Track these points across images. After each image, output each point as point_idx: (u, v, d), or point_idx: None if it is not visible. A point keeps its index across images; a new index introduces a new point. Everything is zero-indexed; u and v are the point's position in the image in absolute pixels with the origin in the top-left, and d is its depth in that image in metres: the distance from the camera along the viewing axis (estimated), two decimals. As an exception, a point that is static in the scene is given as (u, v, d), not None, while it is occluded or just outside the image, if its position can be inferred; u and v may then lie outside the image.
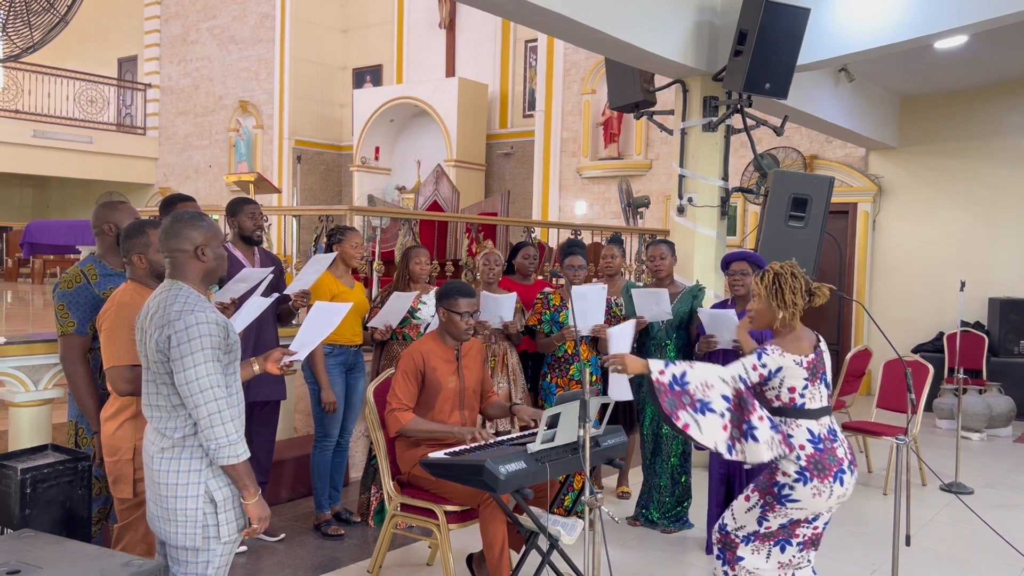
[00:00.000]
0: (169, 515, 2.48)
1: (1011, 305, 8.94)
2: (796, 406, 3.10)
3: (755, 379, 3.12)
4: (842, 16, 6.04)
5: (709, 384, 3.05)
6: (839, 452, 3.10)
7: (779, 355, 3.09)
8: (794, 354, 3.08)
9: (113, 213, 3.43)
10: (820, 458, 3.05)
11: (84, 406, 3.26)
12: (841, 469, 3.07)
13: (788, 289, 3.11)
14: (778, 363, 3.08)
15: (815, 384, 3.11)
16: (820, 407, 3.13)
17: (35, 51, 5.39)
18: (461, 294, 3.81)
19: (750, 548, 3.18)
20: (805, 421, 3.10)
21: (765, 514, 3.14)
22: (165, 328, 2.43)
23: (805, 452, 3.05)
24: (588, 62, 12.00)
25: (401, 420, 3.72)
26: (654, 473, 4.90)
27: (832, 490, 3.04)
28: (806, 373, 3.09)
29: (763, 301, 3.15)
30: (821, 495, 3.04)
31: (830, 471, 3.04)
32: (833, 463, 3.06)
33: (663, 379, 3.00)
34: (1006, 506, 5.56)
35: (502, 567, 3.44)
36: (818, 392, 3.13)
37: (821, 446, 3.07)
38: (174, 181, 17.02)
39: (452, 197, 9.96)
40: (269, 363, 2.90)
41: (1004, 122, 9.27)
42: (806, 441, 3.07)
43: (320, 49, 15.45)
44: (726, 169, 6.50)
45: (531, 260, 5.40)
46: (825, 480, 3.03)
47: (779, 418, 3.13)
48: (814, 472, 3.04)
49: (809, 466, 3.04)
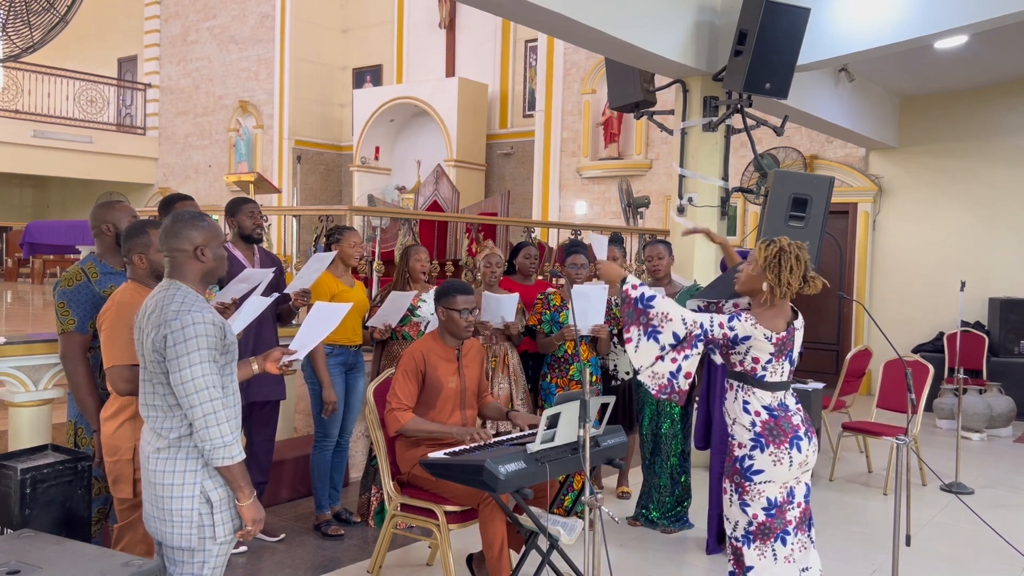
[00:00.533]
0: (165, 515, 2.48)
1: (1011, 305, 8.94)
2: (756, 376, 3.17)
3: (717, 335, 3.17)
4: (842, 16, 6.04)
5: (668, 317, 3.19)
6: (794, 419, 3.16)
7: (751, 325, 3.12)
8: (766, 328, 3.12)
9: (111, 213, 3.43)
10: (774, 424, 3.12)
11: (84, 405, 3.26)
12: (797, 435, 3.13)
13: (787, 268, 3.09)
14: (747, 331, 3.12)
15: (779, 360, 3.16)
16: (779, 381, 3.18)
17: (35, 51, 5.39)
18: (459, 291, 3.82)
19: (755, 552, 3.20)
20: (761, 391, 3.16)
21: (743, 498, 3.19)
22: (161, 328, 2.43)
23: (760, 419, 3.13)
24: (588, 62, 12.00)
25: (400, 420, 3.72)
26: (653, 473, 4.89)
27: (791, 457, 3.10)
28: (773, 349, 3.13)
29: (757, 268, 3.14)
30: (781, 462, 3.10)
31: (785, 436, 3.11)
32: (788, 429, 3.12)
33: (632, 293, 3.24)
34: (1006, 506, 5.56)
35: (502, 567, 3.44)
36: (780, 367, 3.17)
37: (775, 413, 3.13)
38: (174, 181, 17.02)
39: (452, 197, 9.96)
40: (268, 363, 2.89)
41: (1004, 122, 9.27)
42: (761, 407, 3.15)
43: (320, 49, 15.45)
44: (726, 169, 6.50)
45: (532, 260, 5.40)
46: (781, 446, 3.10)
47: (737, 383, 3.21)
48: (769, 438, 3.11)
49: (764, 432, 3.12)
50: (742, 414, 3.17)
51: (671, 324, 3.18)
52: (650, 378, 3.23)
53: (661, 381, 3.21)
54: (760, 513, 3.17)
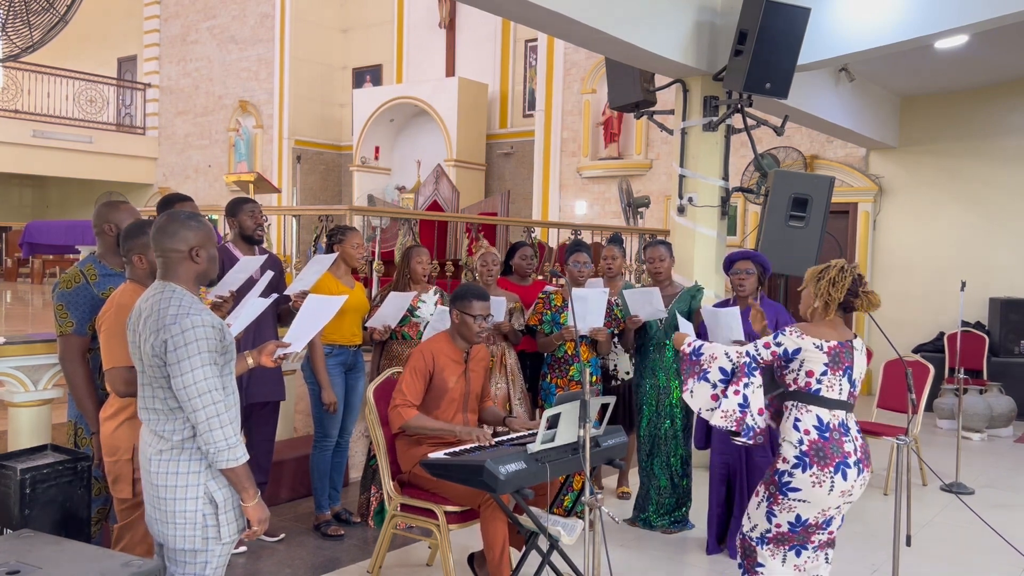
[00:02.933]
0: (168, 517, 2.47)
1: (1011, 305, 8.94)
2: (811, 391, 3.13)
3: (767, 356, 3.20)
4: (842, 16, 6.04)
5: (714, 356, 3.32)
6: (847, 446, 3.09)
7: (797, 336, 3.15)
8: (815, 338, 3.12)
9: (114, 213, 3.42)
10: (823, 446, 3.06)
11: (83, 406, 3.25)
12: (845, 462, 3.05)
13: (828, 280, 3.17)
14: (796, 344, 3.14)
15: (835, 373, 3.12)
16: (837, 399, 3.13)
17: (35, 51, 5.39)
18: (475, 297, 3.82)
19: (767, 552, 3.20)
20: (816, 408, 3.11)
21: (771, 507, 3.15)
22: (161, 332, 2.41)
23: (809, 437, 3.07)
24: (588, 62, 12.00)
25: (404, 416, 3.72)
26: (652, 474, 4.89)
27: (834, 483, 3.03)
28: (826, 359, 3.11)
29: (807, 285, 3.27)
30: (821, 485, 3.03)
31: (831, 460, 3.04)
32: (837, 453, 3.05)
33: (687, 350, 3.40)
34: (1006, 506, 5.55)
35: (502, 567, 3.44)
36: (838, 383, 3.13)
37: (827, 435, 3.07)
38: (174, 181, 17.01)
39: (452, 197, 9.95)
40: (263, 356, 2.86)
41: (1004, 122, 9.27)
42: (812, 427, 3.09)
43: (320, 49, 15.45)
44: (726, 169, 6.50)
45: (528, 261, 5.38)
46: (825, 469, 3.03)
47: (792, 402, 3.17)
48: (814, 459, 3.05)
49: (810, 451, 3.06)
50: (791, 432, 3.12)
51: (717, 361, 3.28)
52: (722, 419, 3.23)
53: (733, 417, 3.21)
54: (785, 525, 3.15)
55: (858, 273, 3.22)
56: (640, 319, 4.76)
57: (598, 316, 4.65)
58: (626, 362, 5.32)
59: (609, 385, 5.26)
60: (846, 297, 3.17)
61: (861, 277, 3.22)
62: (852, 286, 3.17)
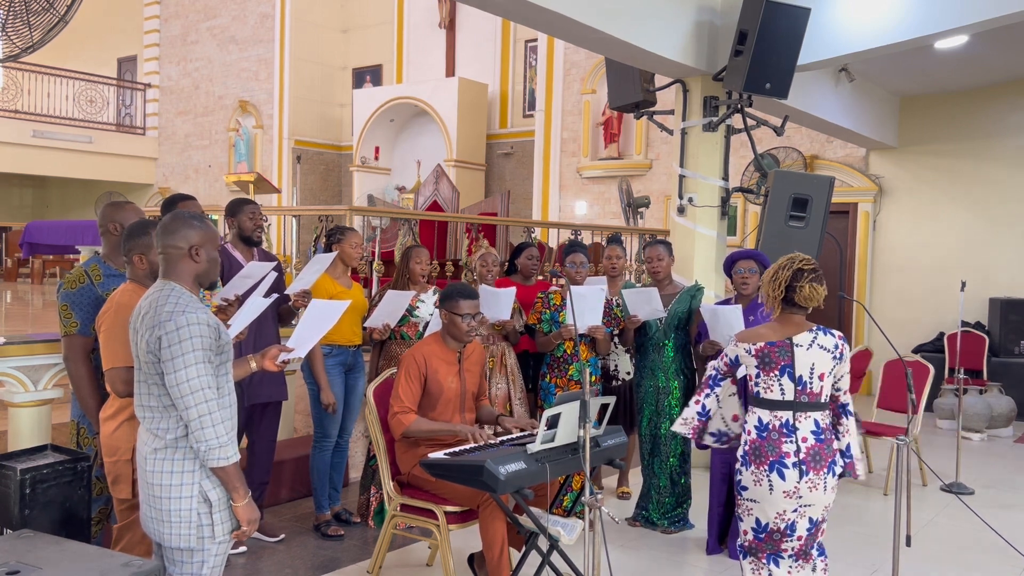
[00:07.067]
0: (163, 516, 2.47)
1: (1011, 305, 8.94)
2: (753, 394, 3.23)
3: (723, 367, 3.36)
4: (842, 16, 6.04)
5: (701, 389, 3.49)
6: (785, 447, 3.09)
7: (733, 344, 3.27)
8: (745, 343, 3.21)
9: (119, 213, 3.43)
10: (760, 445, 3.13)
11: (86, 406, 3.26)
12: (780, 462, 3.08)
13: (769, 277, 3.21)
14: (734, 351, 3.27)
15: (769, 374, 3.14)
16: (779, 400, 3.13)
17: (35, 51, 5.38)
18: (463, 296, 3.81)
19: (750, 566, 3.27)
20: (759, 410, 3.19)
21: (737, 511, 3.27)
22: (156, 329, 2.42)
23: (750, 437, 3.18)
24: (588, 62, 12.00)
25: (404, 422, 3.70)
26: (653, 474, 4.89)
27: (771, 482, 3.08)
28: (755, 361, 3.17)
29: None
30: (760, 484, 3.11)
31: (766, 459, 3.10)
32: (772, 453, 3.10)
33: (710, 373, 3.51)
34: (1006, 506, 5.55)
35: (502, 567, 3.44)
36: (776, 384, 3.13)
37: (765, 435, 3.13)
38: (174, 181, 17.01)
39: (452, 197, 9.96)
40: (267, 360, 2.87)
41: (1004, 122, 9.27)
42: (753, 427, 3.18)
43: (320, 49, 15.44)
44: (726, 169, 6.50)
45: (534, 262, 5.39)
46: (761, 467, 3.11)
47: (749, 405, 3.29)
48: (751, 457, 3.15)
49: (749, 451, 3.16)
50: (743, 433, 3.25)
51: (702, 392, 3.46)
52: (681, 426, 3.47)
53: (691, 424, 3.43)
54: (750, 532, 3.22)
55: (809, 267, 3.11)
56: (639, 319, 4.77)
57: (596, 314, 4.65)
58: (627, 362, 5.32)
59: (610, 385, 5.27)
60: (786, 292, 3.13)
61: (810, 272, 3.10)
62: (791, 281, 3.11)
